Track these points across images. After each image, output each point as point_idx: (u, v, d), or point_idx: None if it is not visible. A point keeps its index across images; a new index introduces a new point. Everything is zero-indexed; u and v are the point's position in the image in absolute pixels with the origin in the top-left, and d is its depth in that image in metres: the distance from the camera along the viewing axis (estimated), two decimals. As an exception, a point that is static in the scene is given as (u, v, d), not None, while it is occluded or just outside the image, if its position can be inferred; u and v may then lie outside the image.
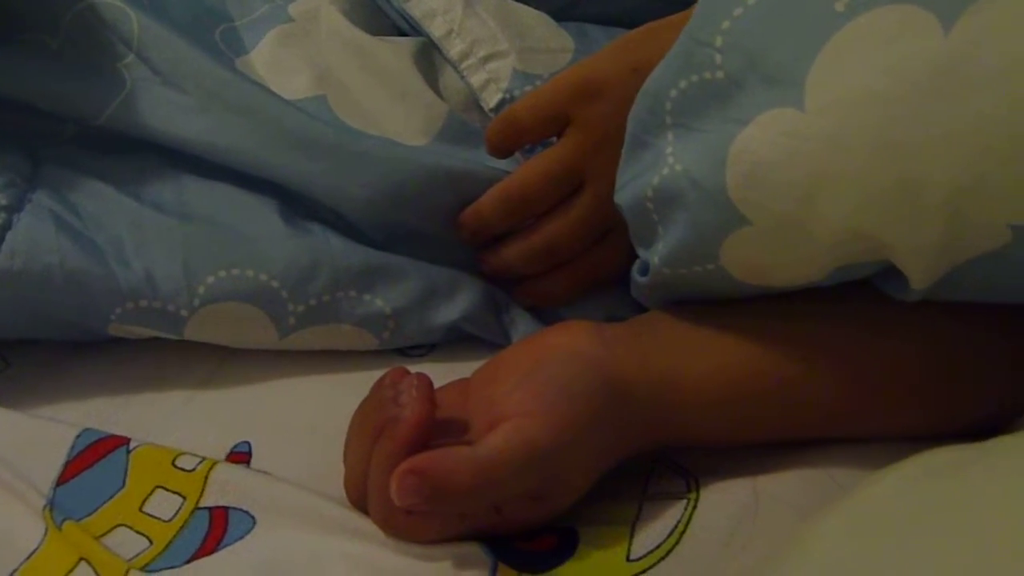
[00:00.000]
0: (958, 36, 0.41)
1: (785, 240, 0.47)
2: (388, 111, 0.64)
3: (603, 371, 0.51)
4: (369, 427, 0.50)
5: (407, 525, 0.48)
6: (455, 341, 0.62)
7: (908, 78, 0.42)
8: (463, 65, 0.65)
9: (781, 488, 0.51)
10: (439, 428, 0.50)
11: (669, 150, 0.49)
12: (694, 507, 0.51)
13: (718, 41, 0.47)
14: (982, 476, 0.35)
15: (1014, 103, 0.41)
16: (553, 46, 0.66)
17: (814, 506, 0.46)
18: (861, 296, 0.51)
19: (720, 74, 0.47)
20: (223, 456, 0.55)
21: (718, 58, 0.47)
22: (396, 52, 0.65)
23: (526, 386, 0.50)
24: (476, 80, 0.64)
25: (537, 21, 0.67)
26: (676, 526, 0.50)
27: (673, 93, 0.49)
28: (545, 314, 0.63)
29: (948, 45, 0.41)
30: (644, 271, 0.54)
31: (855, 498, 0.38)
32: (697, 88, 0.48)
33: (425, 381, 0.49)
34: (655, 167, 0.50)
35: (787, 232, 0.46)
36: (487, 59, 0.64)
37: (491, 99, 0.64)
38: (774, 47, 0.45)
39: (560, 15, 0.69)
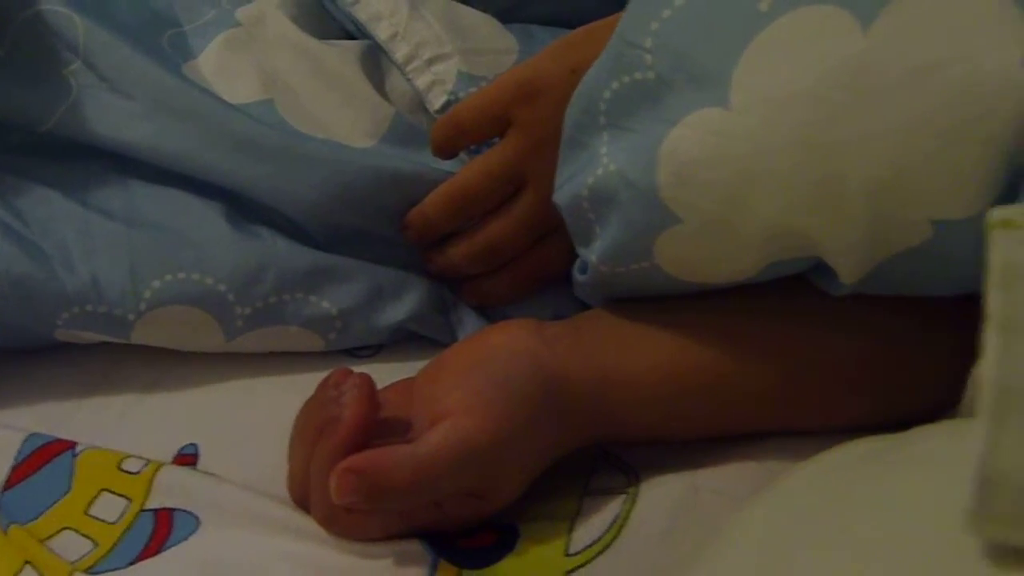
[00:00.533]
0: (876, 36, 0.42)
1: (716, 237, 0.48)
2: (335, 114, 0.64)
3: (542, 368, 0.51)
4: (311, 427, 0.50)
5: (348, 523, 0.49)
6: (403, 341, 0.63)
7: (828, 77, 0.43)
8: (409, 68, 0.65)
9: (720, 482, 0.52)
10: (383, 427, 0.51)
11: (603, 150, 0.50)
12: (634, 502, 0.52)
13: (648, 42, 0.48)
14: (896, 463, 0.36)
15: (931, 101, 0.42)
16: (498, 47, 0.66)
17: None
18: (798, 291, 0.52)
19: (650, 75, 0.48)
20: (170, 459, 0.56)
21: (648, 59, 0.48)
22: (343, 55, 0.66)
23: (466, 384, 0.50)
24: (422, 82, 0.65)
25: (482, 23, 0.68)
26: (615, 521, 0.51)
27: (606, 94, 0.50)
28: (492, 313, 0.63)
29: (866, 45, 0.42)
30: (584, 270, 0.55)
31: (777, 487, 0.39)
32: (629, 89, 0.49)
33: (366, 381, 0.50)
34: (590, 167, 0.51)
35: (717, 230, 0.47)
36: (432, 61, 0.65)
37: (436, 101, 0.64)
38: (701, 47, 0.46)
39: (507, 16, 0.70)
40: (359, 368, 0.53)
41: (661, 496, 0.52)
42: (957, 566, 0.29)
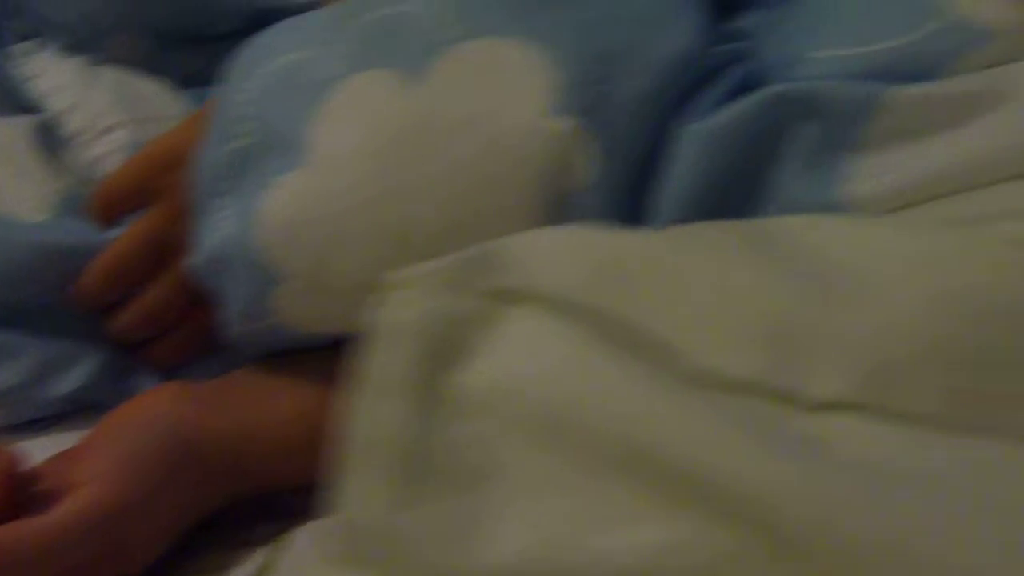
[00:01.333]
0: (423, 94, 0.46)
1: (318, 293, 0.50)
2: (7, 190, 0.65)
3: (181, 429, 0.53)
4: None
5: (-11, 597, 0.50)
6: (86, 409, 0.64)
7: (384, 135, 0.46)
8: (82, 139, 0.66)
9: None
10: (35, 499, 0.51)
11: (220, 215, 0.52)
12: (281, 549, 0.54)
13: (244, 111, 0.50)
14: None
15: (471, 153, 0.45)
16: (170, 114, 0.68)
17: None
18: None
19: (250, 141, 0.50)
20: None
21: (245, 127, 0.50)
22: (15, 130, 0.67)
23: (102, 451, 0.52)
24: (94, 153, 0.66)
25: (155, 91, 0.69)
26: (258, 571, 0.53)
27: (218, 162, 0.52)
28: (174, 376, 0.64)
29: (416, 101, 0.46)
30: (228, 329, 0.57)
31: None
32: (236, 155, 0.51)
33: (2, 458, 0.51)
34: (213, 232, 0.53)
35: (316, 286, 0.50)
36: (105, 132, 0.66)
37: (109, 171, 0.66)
38: (284, 115, 0.49)
39: (190, 81, 0.72)
40: (35, 440, 0.54)
41: (308, 541, 0.54)
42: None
